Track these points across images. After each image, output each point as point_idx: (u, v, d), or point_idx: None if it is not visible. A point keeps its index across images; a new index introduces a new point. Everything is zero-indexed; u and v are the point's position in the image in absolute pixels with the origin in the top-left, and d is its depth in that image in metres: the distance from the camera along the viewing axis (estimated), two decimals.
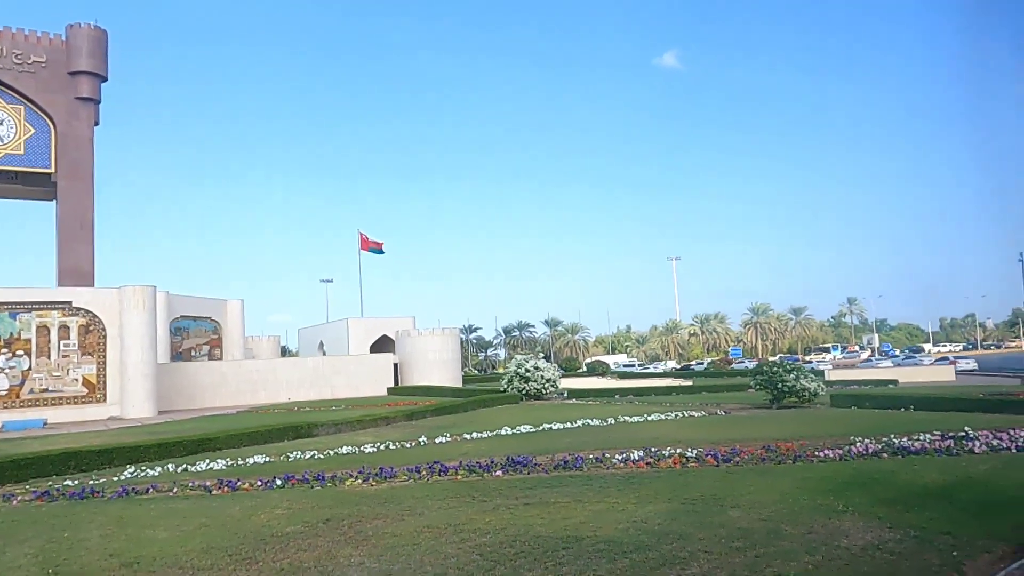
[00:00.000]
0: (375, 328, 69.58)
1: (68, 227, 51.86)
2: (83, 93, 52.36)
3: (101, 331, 40.25)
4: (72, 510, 13.23)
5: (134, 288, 40.54)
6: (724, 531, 9.51)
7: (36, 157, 51.26)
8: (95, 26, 53.90)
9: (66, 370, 39.35)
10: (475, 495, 12.78)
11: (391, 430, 25.81)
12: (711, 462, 15.24)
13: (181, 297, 59.65)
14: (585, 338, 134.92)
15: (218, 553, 9.62)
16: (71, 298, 40.17)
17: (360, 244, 76.74)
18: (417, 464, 16.30)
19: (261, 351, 71.96)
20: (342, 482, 14.89)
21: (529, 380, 40.16)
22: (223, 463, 18.49)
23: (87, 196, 53.03)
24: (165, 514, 12.40)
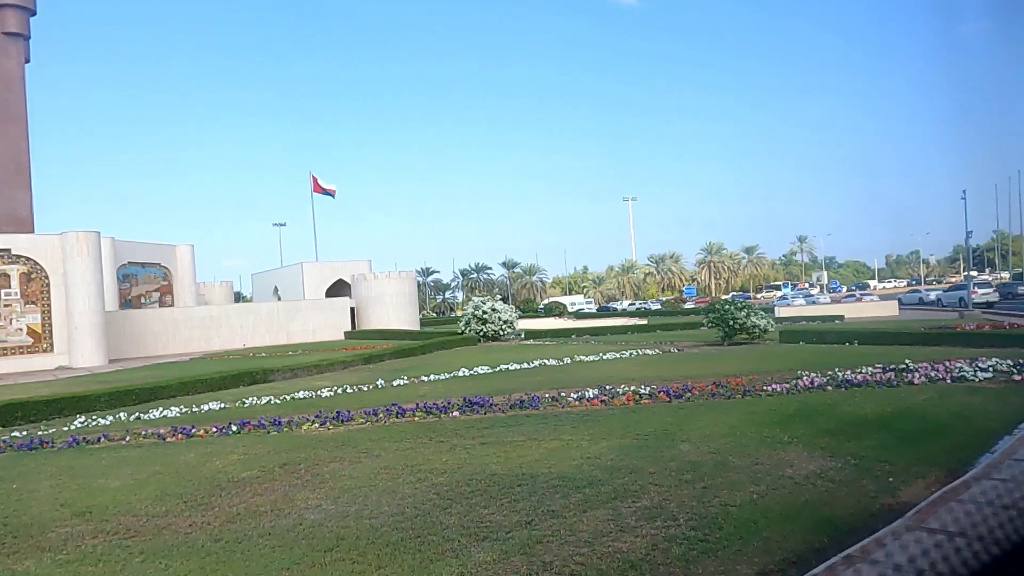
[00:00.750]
0: (331, 272, 68.84)
1: (3, 171, 49.61)
2: (10, 28, 49.58)
3: (44, 279, 39.00)
4: (20, 461, 13.00)
5: (77, 234, 39.21)
6: (674, 464, 9.78)
7: None
8: None
9: (9, 319, 38.19)
10: (432, 436, 12.89)
11: (348, 374, 25.78)
12: (663, 398, 15.60)
13: (128, 243, 58.02)
14: (543, 279, 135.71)
15: (172, 500, 9.58)
16: (9, 245, 38.71)
17: (312, 187, 75.21)
18: (375, 407, 16.34)
19: (214, 297, 70.82)
20: (299, 427, 14.88)
21: (487, 322, 40.37)
22: (177, 411, 18.30)
23: (21, 138, 50.76)
24: (117, 463, 12.26)
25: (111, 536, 8.23)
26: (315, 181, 75.23)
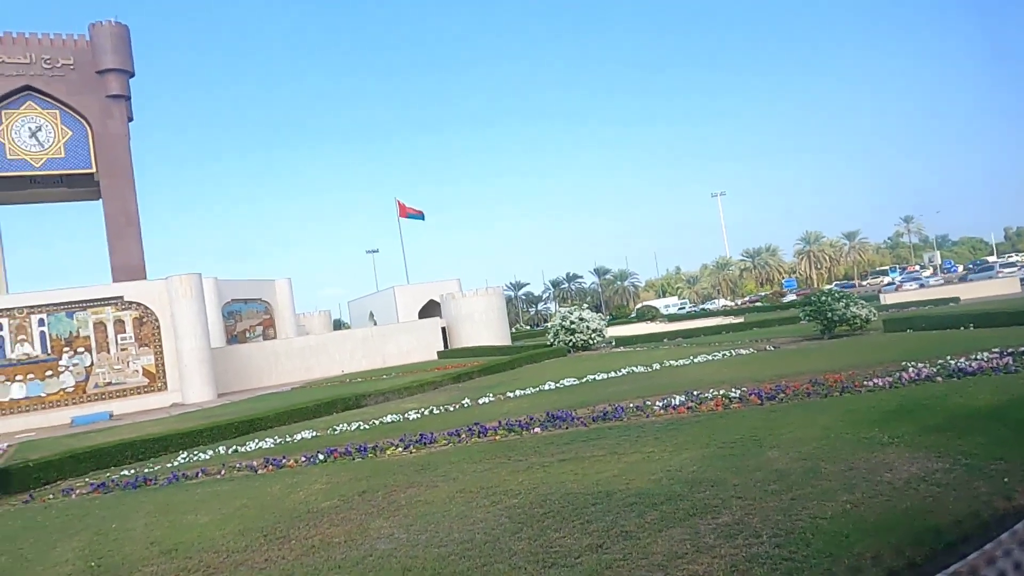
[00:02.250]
0: (421, 294, 70.10)
1: (115, 224, 53.06)
2: (113, 91, 52.99)
3: (154, 322, 41.37)
4: (123, 500, 13.60)
5: (180, 278, 41.44)
6: (760, 474, 9.15)
7: (76, 159, 52.31)
8: (116, 22, 54.23)
9: (126, 362, 40.67)
10: (511, 455, 12.66)
11: (437, 394, 25.94)
12: (755, 401, 14.80)
13: (230, 281, 60.98)
14: (635, 284, 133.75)
15: (253, 534, 9.71)
16: (122, 293, 41.31)
17: (399, 212, 76.95)
18: (458, 427, 16.28)
19: (313, 326, 73.34)
20: (383, 451, 14.96)
21: (575, 332, 39.94)
22: (271, 441, 18.83)
23: (129, 192, 54.08)
24: (209, 497, 12.62)
25: (192, 574, 8.39)
26: (401, 206, 77.00)
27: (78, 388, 39.46)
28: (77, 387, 39.44)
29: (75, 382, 39.47)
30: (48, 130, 51.42)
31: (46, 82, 50.80)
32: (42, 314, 39.31)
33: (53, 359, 39.17)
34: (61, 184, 54.15)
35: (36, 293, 40.30)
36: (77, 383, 39.50)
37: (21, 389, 38.41)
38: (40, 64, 50.54)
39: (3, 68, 49.52)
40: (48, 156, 51.26)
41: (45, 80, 50.76)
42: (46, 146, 51.30)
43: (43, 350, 39.06)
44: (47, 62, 50.79)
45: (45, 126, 51.46)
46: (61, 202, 58.77)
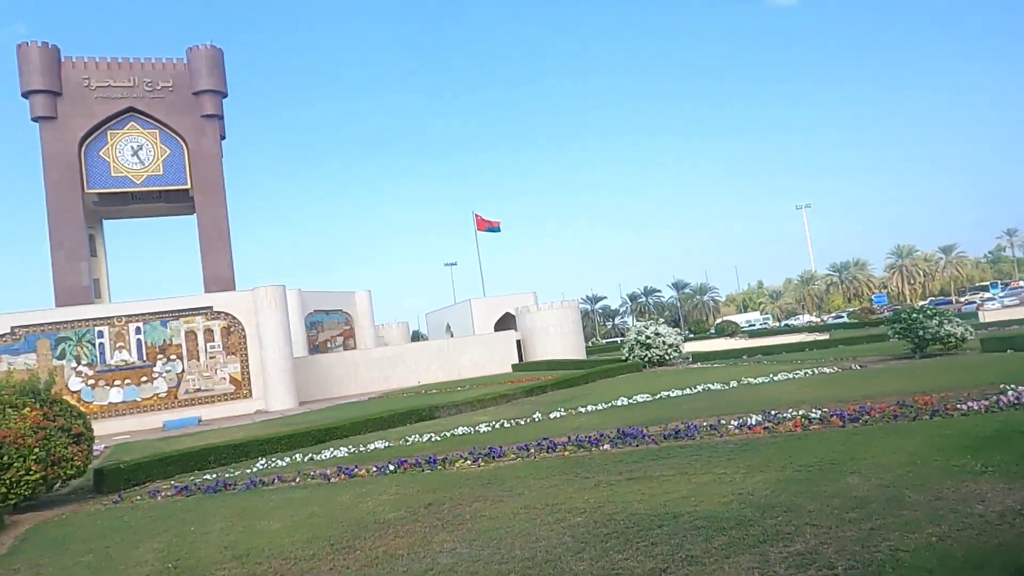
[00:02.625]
0: (497, 307, 70.55)
1: (208, 238, 55.59)
2: (207, 111, 55.66)
3: (241, 332, 43.03)
4: (203, 504, 14.10)
5: (266, 289, 42.99)
6: (838, 501, 8.70)
7: (174, 175, 55.12)
8: (211, 46, 57.05)
9: (214, 370, 42.42)
10: (578, 472, 12.48)
11: (509, 408, 25.93)
12: (836, 423, 14.15)
13: (313, 293, 62.93)
14: (714, 298, 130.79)
15: (321, 543, 9.87)
16: (211, 303, 43.16)
17: (476, 225, 77.81)
18: (527, 442, 16.20)
19: (392, 338, 74.79)
20: (452, 464, 15.01)
21: (650, 347, 39.30)
22: (346, 450, 19.19)
23: (221, 207, 56.55)
24: (283, 504, 12.93)
25: None
26: (479, 219, 77.88)
27: (170, 394, 41.40)
28: (169, 393, 41.39)
29: (167, 388, 41.42)
30: (148, 149, 54.41)
31: (147, 104, 53.82)
32: (139, 323, 41.49)
33: (148, 366, 41.25)
34: (159, 200, 57.18)
35: (133, 303, 42.59)
36: (169, 389, 41.45)
37: (119, 393, 40.56)
38: (143, 87, 53.60)
39: (110, 92, 52.77)
40: (148, 173, 54.22)
41: (147, 102, 53.79)
42: (146, 164, 54.29)
43: (139, 357, 41.19)
44: (148, 85, 53.82)
45: (146, 145, 54.48)
46: (158, 216, 61.95)
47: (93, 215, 55.50)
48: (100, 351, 40.62)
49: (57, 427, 16.40)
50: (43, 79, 51.11)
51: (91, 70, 52.53)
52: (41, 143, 51.48)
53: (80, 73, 52.21)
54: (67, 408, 17.33)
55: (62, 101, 51.67)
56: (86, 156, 52.53)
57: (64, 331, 40.23)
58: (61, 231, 51.35)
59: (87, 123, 52.07)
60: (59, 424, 16.51)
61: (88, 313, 41.60)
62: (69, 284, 50.69)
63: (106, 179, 53.02)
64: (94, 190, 52.77)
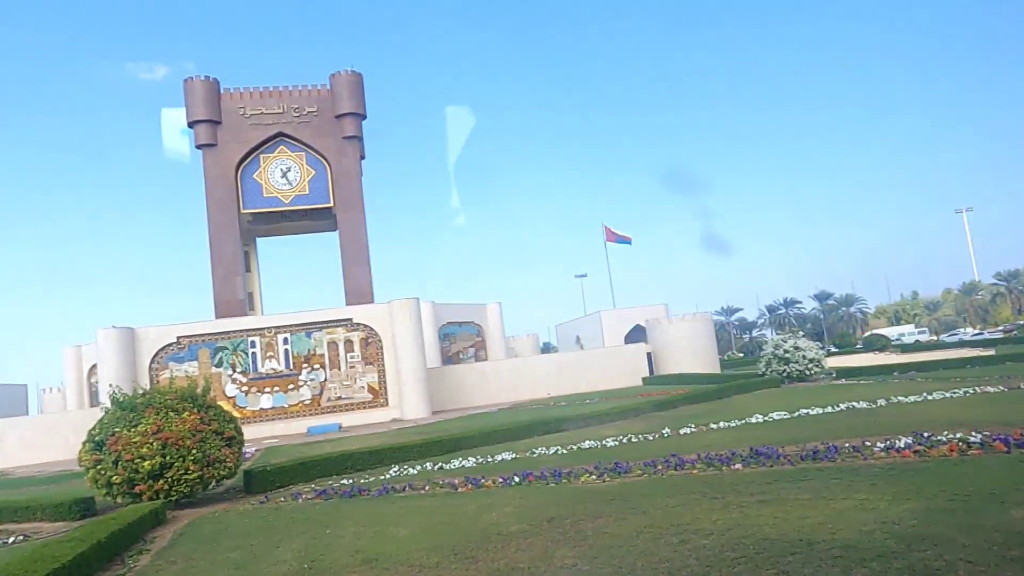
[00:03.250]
0: (627, 319, 69.81)
1: (349, 252, 58.56)
2: (348, 132, 58.76)
3: (378, 342, 44.92)
4: (339, 508, 14.76)
5: (400, 302, 44.68)
6: (999, 536, 7.86)
7: (318, 195, 58.54)
8: (352, 71, 60.33)
9: (354, 379, 44.50)
10: (707, 491, 12.03)
11: (637, 422, 25.45)
12: (999, 448, 12.85)
13: (445, 305, 64.75)
14: (862, 310, 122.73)
15: (445, 551, 10.06)
16: (351, 315, 45.37)
17: (606, 237, 77.44)
18: (654, 458, 15.84)
19: (522, 349, 75.55)
20: (577, 478, 14.90)
21: (789, 361, 37.42)
22: (474, 460, 19.52)
23: (361, 223, 59.39)
24: (412, 511, 13.31)
25: None
26: (608, 231, 77.50)
27: (314, 401, 43.82)
28: (313, 400, 43.82)
29: (311, 395, 43.88)
30: (296, 170, 58.14)
31: (295, 128, 57.59)
32: (286, 333, 44.28)
33: (294, 374, 43.89)
34: (305, 217, 60.90)
35: (281, 315, 45.49)
36: (313, 396, 43.89)
37: (268, 400, 43.42)
38: (290, 113, 57.43)
39: (262, 119, 56.95)
40: (296, 193, 57.91)
41: (294, 126, 57.57)
42: (294, 184, 58.00)
43: (286, 366, 43.92)
44: (296, 111, 57.59)
45: (293, 167, 58.25)
46: (304, 233, 65.97)
47: (247, 233, 59.88)
48: (252, 360, 43.66)
49: (212, 430, 17.75)
50: (206, 110, 55.95)
51: (246, 99, 56.93)
52: (203, 168, 56.33)
53: (236, 103, 56.70)
54: (221, 413, 18.72)
55: (221, 129, 56.29)
56: (241, 179, 56.89)
57: (222, 341, 43.57)
58: (220, 249, 55.85)
59: (242, 148, 56.41)
60: (214, 428, 17.87)
61: (242, 324, 44.87)
62: (227, 298, 54.96)
63: (259, 199, 57.15)
64: (249, 210, 57.00)
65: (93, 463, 17.14)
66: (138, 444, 16.65)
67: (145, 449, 16.57)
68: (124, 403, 18.00)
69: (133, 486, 16.61)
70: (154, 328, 42.87)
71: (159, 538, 13.60)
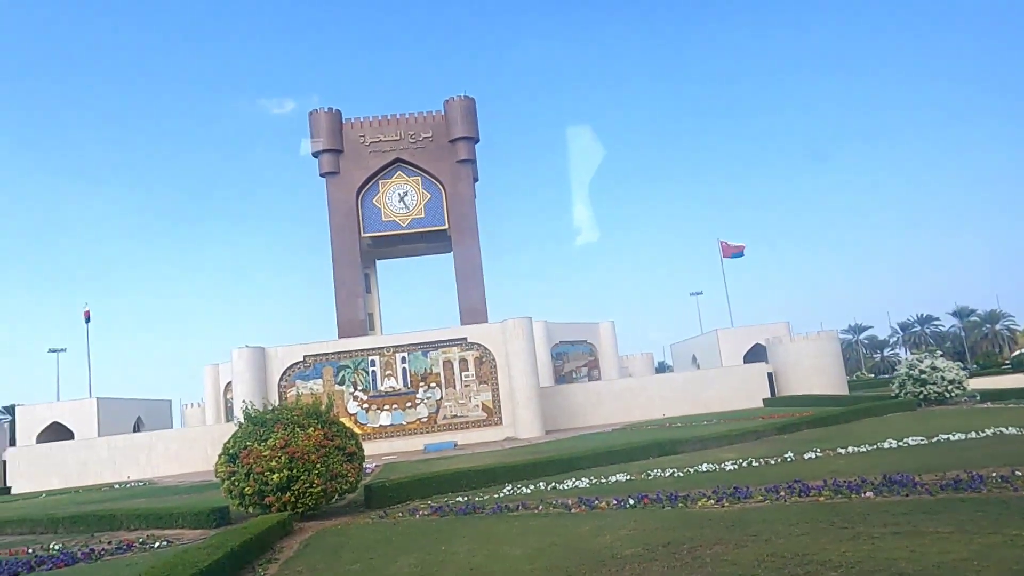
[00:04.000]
0: (746, 337, 67.45)
1: (463, 273, 59.94)
2: (461, 156, 60.37)
3: (492, 362, 45.50)
4: (454, 525, 14.98)
5: (513, 321, 45.12)
6: None
7: (433, 217, 60.36)
8: (465, 96, 62.02)
9: (468, 398, 45.23)
10: (835, 520, 11.38)
11: (758, 445, 24.47)
12: None
13: (558, 324, 64.82)
14: (1009, 327, 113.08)
15: (558, 573, 9.99)
16: (465, 335, 46.22)
17: (721, 253, 75.34)
18: (776, 483, 15.18)
19: (635, 369, 74.42)
20: (694, 502, 14.47)
21: (925, 383, 34.97)
22: (587, 481, 19.36)
23: (474, 244, 60.70)
24: (525, 531, 13.32)
25: None
26: (724, 245, 75.38)
27: (430, 419, 44.85)
28: (430, 418, 44.86)
29: (428, 413, 44.94)
30: (412, 194, 60.22)
31: (411, 154, 59.74)
32: (404, 352, 45.66)
33: (411, 392, 45.13)
34: (421, 240, 62.90)
35: (399, 335, 46.97)
36: (430, 414, 44.93)
37: (388, 417, 44.83)
38: (407, 139, 59.66)
39: (381, 146, 59.47)
40: (412, 216, 59.97)
41: (411, 152, 59.72)
42: (410, 208, 60.09)
43: (404, 384, 45.24)
44: (412, 137, 59.76)
45: (410, 191, 60.37)
46: (419, 255, 68.04)
47: (367, 256, 62.38)
48: (372, 378, 45.26)
49: (335, 446, 18.49)
50: (329, 140, 59.05)
51: (366, 128, 59.63)
52: (327, 195, 59.33)
53: (357, 132, 59.49)
54: (343, 429, 19.48)
55: (343, 158, 59.19)
56: (362, 204, 59.49)
57: (344, 360, 45.44)
58: (343, 271, 58.53)
59: (363, 175, 59.06)
60: (336, 443, 18.61)
61: (363, 344, 46.64)
62: (349, 318, 57.42)
63: (378, 223, 59.55)
64: (369, 234, 59.48)
65: (228, 475, 18.23)
66: (267, 458, 17.58)
67: (274, 463, 17.47)
68: (255, 418, 19.07)
69: (263, 497, 17.52)
70: (282, 348, 45.28)
71: (286, 548, 14.26)
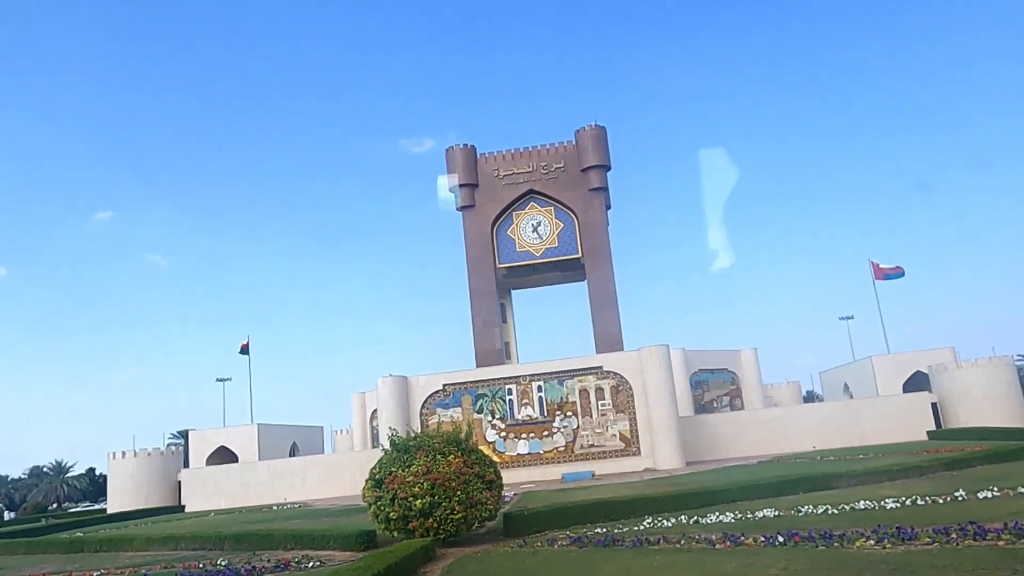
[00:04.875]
0: (905, 364, 62.61)
1: (597, 301, 59.67)
2: (594, 184, 60.49)
3: (628, 390, 44.84)
4: (593, 557, 14.78)
5: (650, 349, 44.32)
6: None
7: (566, 246, 60.71)
8: (596, 125, 62.32)
9: (605, 427, 44.74)
10: (1018, 568, 10.28)
11: (923, 482, 22.54)
12: None
13: (697, 352, 63.02)
14: None
15: None
16: (601, 363, 45.89)
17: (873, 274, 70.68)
18: (947, 524, 13.89)
19: (781, 398, 70.92)
20: (851, 542, 13.51)
21: None
22: (731, 516, 18.55)
23: (608, 272, 60.37)
24: (665, 566, 12.93)
25: None
26: (876, 267, 70.70)
27: (567, 448, 44.70)
28: (567, 447, 44.72)
29: (565, 442, 44.82)
30: (545, 224, 60.92)
31: (544, 184, 60.55)
32: (540, 381, 45.93)
33: (548, 421, 45.24)
34: (555, 269, 63.34)
35: (535, 364, 47.35)
36: (567, 443, 44.80)
37: (525, 445, 45.12)
38: (539, 171, 60.58)
39: (514, 179, 60.74)
40: (546, 246, 60.60)
41: (543, 183, 60.55)
42: (544, 238, 60.76)
43: (541, 413, 45.44)
44: (544, 168, 60.62)
45: (543, 221, 61.10)
46: (553, 284, 68.50)
47: (503, 286, 63.56)
48: (510, 407, 45.80)
49: (474, 474, 18.81)
50: (465, 175, 60.99)
51: (499, 162, 61.14)
52: (463, 228, 61.15)
53: (491, 166, 61.10)
54: (481, 457, 19.79)
55: (478, 191, 60.91)
56: (496, 236, 60.82)
57: (482, 388, 46.32)
58: (479, 301, 59.89)
59: (496, 208, 60.45)
60: (475, 471, 18.92)
61: (500, 373, 47.38)
62: (486, 347, 58.53)
63: (512, 254, 60.61)
64: (504, 264, 60.63)
65: (374, 499, 18.97)
66: (411, 484, 18.14)
67: (416, 488, 18.00)
68: (399, 445, 19.78)
69: (407, 523, 18.07)
70: (423, 376, 46.81)
71: (429, 573, 14.60)
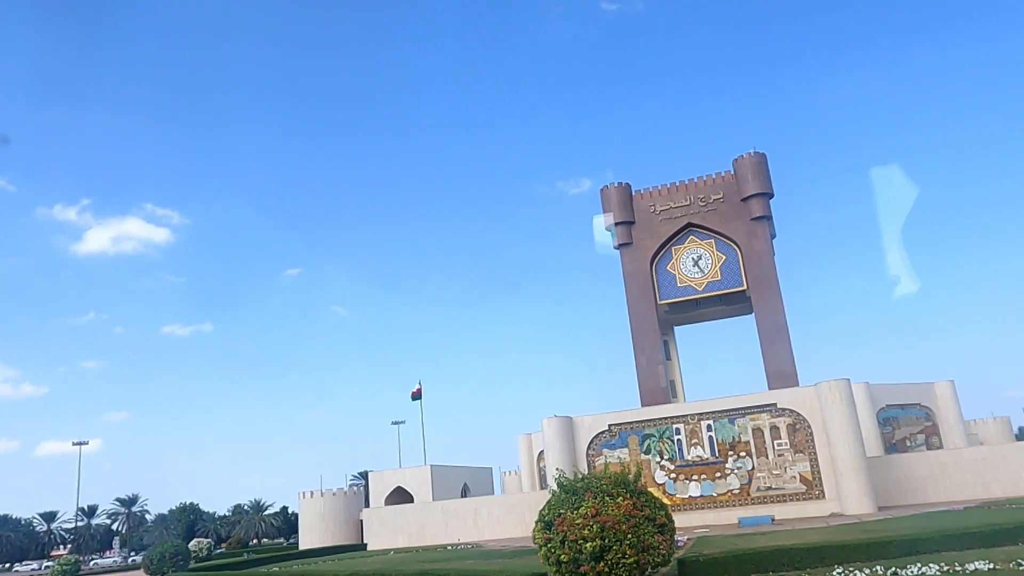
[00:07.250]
0: None
1: (767, 334, 56.89)
2: (755, 214, 58.26)
3: (807, 429, 42.06)
4: None
5: (829, 384, 41.45)
6: None
7: (730, 279, 58.68)
8: (755, 152, 60.24)
9: (783, 468, 42.11)
10: None
11: None
12: None
13: (883, 386, 58.22)
14: None
15: None
16: (775, 400, 43.47)
17: None
18: None
19: (987, 435, 63.71)
20: None
21: None
22: (936, 568, 16.72)
23: (777, 304, 57.54)
24: None
25: None
26: None
27: (742, 490, 42.45)
28: (742, 489, 42.48)
29: (740, 484, 42.61)
30: (706, 258, 59.27)
31: (702, 217, 59.12)
32: (709, 420, 44.18)
33: (720, 462, 43.28)
34: (719, 303, 61.26)
35: (703, 402, 45.67)
36: (741, 486, 42.57)
37: (697, 488, 43.38)
38: (696, 203, 59.29)
39: (671, 213, 59.83)
40: (708, 280, 58.87)
41: (701, 215, 59.14)
42: (705, 271, 59.09)
43: (711, 453, 43.60)
44: (702, 200, 59.26)
45: (704, 255, 59.50)
46: (718, 319, 66.10)
47: (665, 323, 62.24)
48: (678, 447, 44.38)
49: (644, 516, 18.28)
50: (621, 212, 60.86)
51: (655, 197, 60.52)
52: (622, 265, 60.78)
53: (647, 202, 60.58)
54: (652, 499, 19.22)
55: (635, 228, 60.49)
56: (656, 272, 59.91)
57: (648, 428, 45.31)
58: (642, 339, 58.95)
59: (655, 243, 59.67)
60: (646, 514, 18.39)
61: (666, 412, 46.16)
62: (650, 386, 57.33)
63: (673, 290, 59.36)
64: (665, 301, 59.48)
65: (544, 541, 18.90)
66: (580, 526, 17.91)
67: (586, 531, 17.74)
68: (567, 487, 19.65)
69: (578, 566, 17.81)
70: (589, 417, 46.55)
71: None
